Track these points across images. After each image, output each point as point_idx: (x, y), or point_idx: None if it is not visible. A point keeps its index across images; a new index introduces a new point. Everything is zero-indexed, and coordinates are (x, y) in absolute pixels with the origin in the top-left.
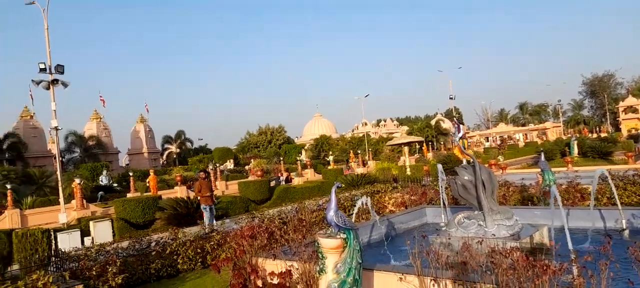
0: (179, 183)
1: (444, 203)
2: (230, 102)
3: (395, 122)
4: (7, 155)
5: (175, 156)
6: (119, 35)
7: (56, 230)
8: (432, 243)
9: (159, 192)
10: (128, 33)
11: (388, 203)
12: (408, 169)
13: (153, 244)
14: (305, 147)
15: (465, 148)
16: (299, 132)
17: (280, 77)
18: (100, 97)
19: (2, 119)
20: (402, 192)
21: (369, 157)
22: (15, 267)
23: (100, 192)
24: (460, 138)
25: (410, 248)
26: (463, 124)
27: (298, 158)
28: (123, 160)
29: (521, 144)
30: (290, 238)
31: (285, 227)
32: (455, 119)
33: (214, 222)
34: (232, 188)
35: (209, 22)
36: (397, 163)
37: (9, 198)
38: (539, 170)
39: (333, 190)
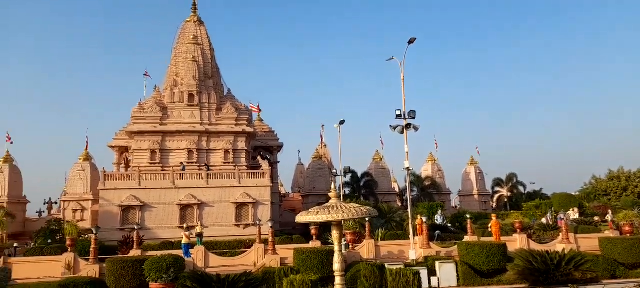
0: (518, 230)
1: None
2: (569, 142)
3: None
4: (363, 191)
5: (505, 200)
6: (453, 81)
7: (406, 265)
8: None
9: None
10: (460, 78)
11: None
12: None
13: None
14: None
15: None
16: None
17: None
18: (435, 141)
19: (360, 161)
20: None
21: None
22: None
23: (436, 231)
24: None
25: None
26: None
27: None
28: (453, 200)
29: None
30: None
31: None
32: None
33: None
34: (586, 243)
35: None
36: None
37: (367, 229)
38: None
39: None
